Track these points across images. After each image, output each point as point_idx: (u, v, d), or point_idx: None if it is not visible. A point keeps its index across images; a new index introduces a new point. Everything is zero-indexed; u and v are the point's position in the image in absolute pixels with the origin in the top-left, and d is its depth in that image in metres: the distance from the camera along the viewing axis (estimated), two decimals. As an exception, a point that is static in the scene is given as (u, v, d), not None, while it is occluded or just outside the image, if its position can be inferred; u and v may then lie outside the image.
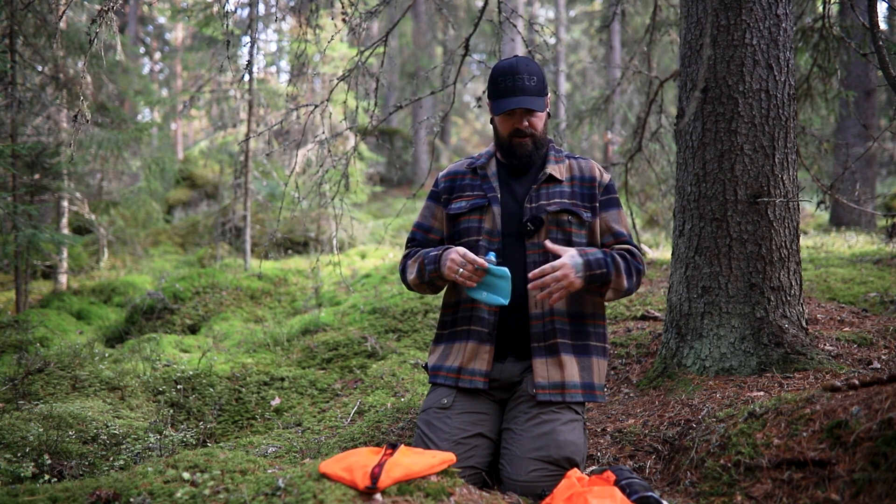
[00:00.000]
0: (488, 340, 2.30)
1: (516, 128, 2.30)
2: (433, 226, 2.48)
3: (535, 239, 2.29)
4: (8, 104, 5.52)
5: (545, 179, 2.35)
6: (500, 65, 2.33)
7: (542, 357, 2.25)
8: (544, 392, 2.21)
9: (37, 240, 5.17)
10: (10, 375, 3.48)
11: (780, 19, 2.81)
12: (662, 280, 4.88)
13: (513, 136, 2.32)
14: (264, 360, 4.13)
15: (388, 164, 16.27)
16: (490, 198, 2.34)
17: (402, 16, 4.02)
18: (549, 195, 2.32)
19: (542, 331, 2.26)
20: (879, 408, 1.72)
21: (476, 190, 2.39)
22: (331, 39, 4.06)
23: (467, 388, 2.29)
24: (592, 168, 2.41)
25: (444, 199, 2.45)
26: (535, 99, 2.26)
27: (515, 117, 2.30)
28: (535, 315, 2.27)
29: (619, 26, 12.26)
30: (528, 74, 2.27)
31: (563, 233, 2.29)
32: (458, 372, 2.31)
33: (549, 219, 2.28)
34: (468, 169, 2.46)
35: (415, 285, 2.39)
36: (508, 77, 2.27)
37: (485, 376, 2.28)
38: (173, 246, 10.60)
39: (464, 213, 2.37)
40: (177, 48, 21.78)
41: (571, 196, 2.34)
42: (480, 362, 2.29)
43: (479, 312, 2.31)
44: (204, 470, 1.73)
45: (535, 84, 2.28)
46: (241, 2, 7.96)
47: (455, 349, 2.34)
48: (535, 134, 2.32)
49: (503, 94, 2.27)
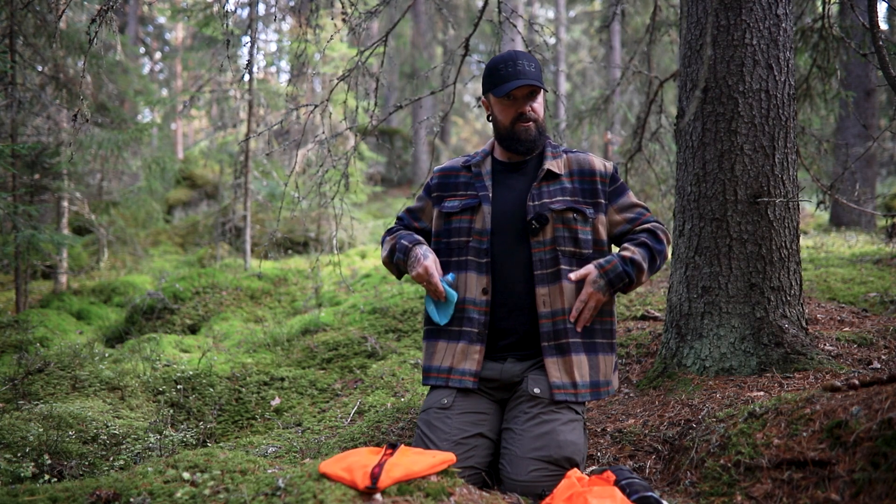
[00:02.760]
0: (478, 340, 2.30)
1: (520, 112, 2.30)
2: (421, 217, 2.51)
3: (541, 237, 2.28)
4: (8, 104, 5.52)
5: (544, 176, 2.34)
6: (496, 57, 2.36)
7: (553, 357, 2.25)
8: (560, 392, 2.21)
9: (37, 240, 5.17)
10: (10, 375, 3.48)
11: (780, 19, 2.81)
12: (662, 280, 4.88)
13: (516, 122, 2.32)
14: (264, 360, 4.13)
15: (388, 164, 16.27)
16: (481, 196, 2.35)
17: (402, 16, 4.02)
18: (551, 192, 2.32)
19: (552, 329, 2.26)
20: (879, 408, 1.72)
21: (469, 189, 2.40)
22: (330, 39, 4.06)
23: (462, 388, 2.29)
24: (591, 161, 2.39)
25: (434, 195, 2.47)
26: (536, 81, 2.27)
27: (518, 102, 2.30)
28: (544, 314, 2.26)
29: (619, 26, 12.26)
30: (528, 61, 2.30)
31: (569, 230, 2.29)
32: (448, 372, 2.32)
33: (554, 217, 2.28)
34: (462, 167, 2.47)
35: (384, 262, 2.47)
36: (509, 63, 2.28)
37: (474, 376, 2.28)
38: (173, 246, 10.60)
39: (455, 213, 2.38)
40: (177, 48, 21.77)
41: (573, 192, 2.33)
42: (470, 362, 2.29)
43: (469, 313, 2.31)
44: (204, 470, 1.73)
45: (535, 70, 2.29)
46: (241, 2, 7.96)
47: (441, 348, 2.35)
48: (538, 119, 2.33)
49: (505, 78, 2.28)
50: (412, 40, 19.47)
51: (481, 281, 2.30)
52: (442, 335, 2.36)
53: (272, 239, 5.17)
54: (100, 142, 6.48)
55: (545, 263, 2.27)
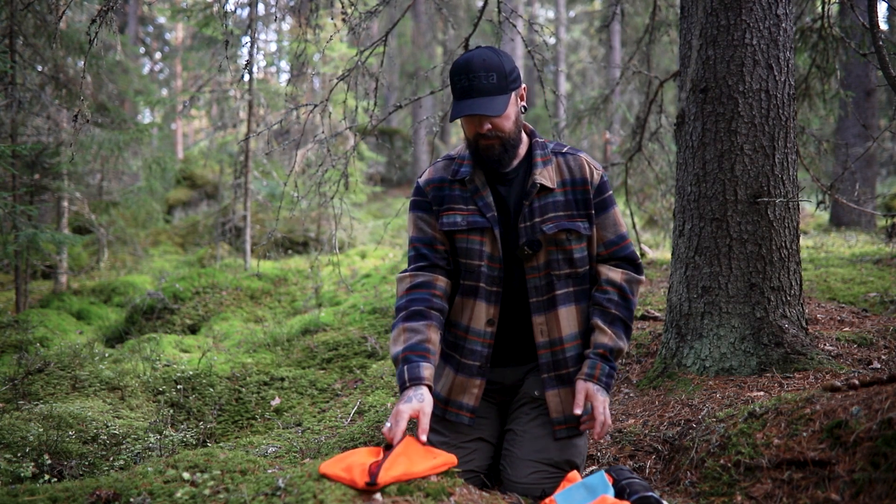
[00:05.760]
0: (479, 374, 2.17)
1: (478, 132, 2.05)
2: (435, 237, 2.19)
3: (534, 262, 2.13)
4: (8, 104, 5.52)
5: (536, 191, 2.12)
6: (456, 62, 2.05)
7: (553, 388, 2.14)
8: (561, 428, 2.13)
9: (37, 240, 5.17)
10: (10, 375, 3.48)
11: (780, 19, 2.81)
12: (662, 280, 4.88)
13: (478, 140, 2.07)
14: (264, 360, 4.13)
15: (388, 164, 16.27)
16: (489, 218, 2.11)
17: (402, 16, 4.02)
18: (542, 209, 2.12)
19: (552, 360, 2.14)
20: (879, 408, 1.72)
21: (469, 203, 2.14)
22: (330, 39, 4.06)
23: (453, 422, 2.20)
24: (583, 167, 2.16)
25: (434, 209, 2.18)
26: (492, 100, 1.98)
27: (476, 120, 2.04)
28: (542, 344, 2.14)
29: (619, 26, 12.26)
30: (486, 71, 1.98)
31: (563, 252, 2.13)
32: (445, 403, 2.21)
33: (546, 240, 2.11)
34: (452, 177, 2.18)
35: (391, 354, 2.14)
36: (463, 76, 2.00)
37: (471, 412, 2.19)
38: (173, 246, 10.60)
39: (461, 232, 2.14)
40: (177, 48, 21.77)
41: (566, 206, 2.13)
42: (469, 397, 2.18)
43: (472, 345, 2.17)
44: (204, 470, 1.73)
45: (495, 81, 1.98)
46: (240, 2, 7.96)
47: (443, 374, 2.24)
48: (501, 136, 2.05)
49: (459, 96, 2.02)
50: (413, 39, 19.48)
51: (489, 311, 2.15)
52: (442, 357, 2.24)
53: (271, 238, 5.17)
54: (100, 142, 6.48)
55: (540, 290, 2.13)
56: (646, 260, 5.84)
